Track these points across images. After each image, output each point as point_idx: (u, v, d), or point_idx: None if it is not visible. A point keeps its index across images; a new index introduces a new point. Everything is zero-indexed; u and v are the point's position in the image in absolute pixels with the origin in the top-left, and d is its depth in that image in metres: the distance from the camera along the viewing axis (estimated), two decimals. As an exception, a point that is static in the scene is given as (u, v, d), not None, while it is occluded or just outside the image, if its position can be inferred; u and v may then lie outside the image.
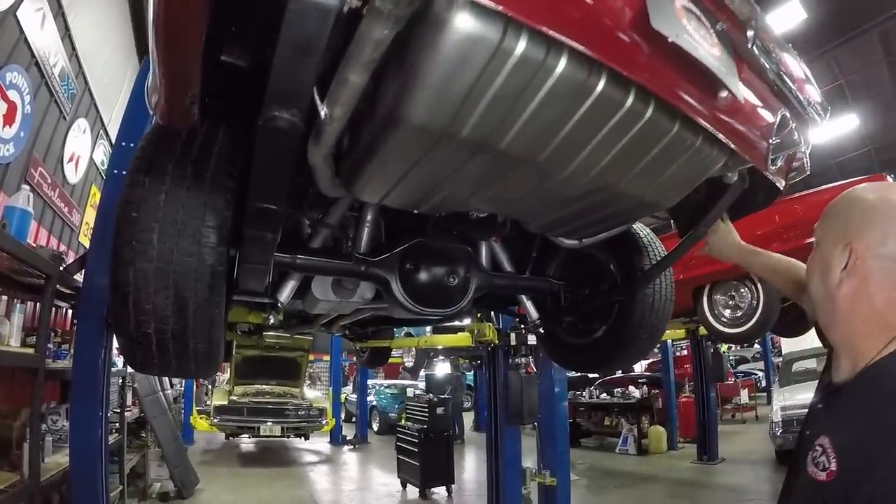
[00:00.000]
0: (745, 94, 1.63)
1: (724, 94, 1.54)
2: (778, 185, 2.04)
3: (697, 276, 6.29)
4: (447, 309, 2.51)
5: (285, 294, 2.42)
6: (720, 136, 1.59)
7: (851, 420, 1.10)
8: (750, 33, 1.56)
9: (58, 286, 4.15)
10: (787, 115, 1.85)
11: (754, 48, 1.60)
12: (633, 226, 2.76)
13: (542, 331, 3.03)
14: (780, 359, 16.47)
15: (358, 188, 1.76)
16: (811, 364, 10.79)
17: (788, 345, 13.73)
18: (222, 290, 1.81)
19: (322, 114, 1.34)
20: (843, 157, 17.40)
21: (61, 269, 4.19)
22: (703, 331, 10.37)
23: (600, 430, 13.72)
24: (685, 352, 15.87)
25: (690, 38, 1.37)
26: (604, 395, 13.94)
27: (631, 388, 13.59)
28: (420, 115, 1.29)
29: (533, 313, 3.04)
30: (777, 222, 5.78)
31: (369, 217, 2.39)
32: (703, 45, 1.41)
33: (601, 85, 1.34)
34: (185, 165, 1.72)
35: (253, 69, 1.59)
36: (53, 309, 4.94)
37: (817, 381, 1.35)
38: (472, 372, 18.14)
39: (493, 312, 6.16)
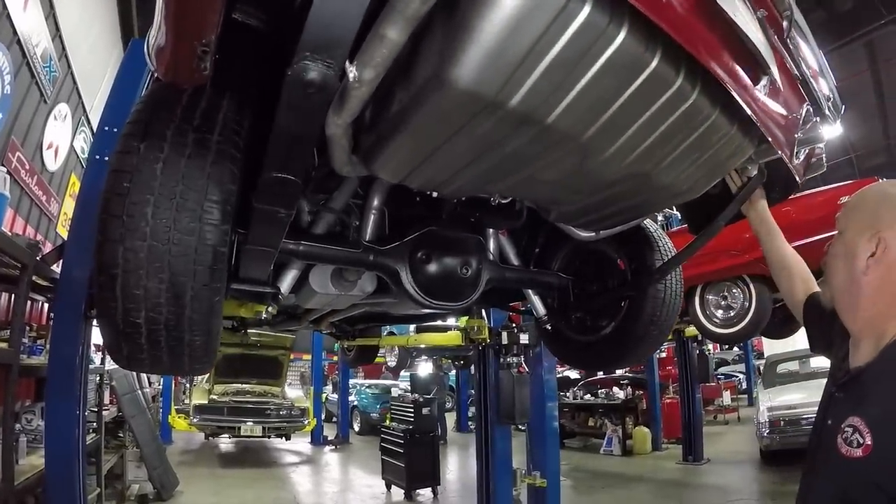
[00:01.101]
0: (780, 82, 1.61)
1: (763, 80, 1.50)
2: (797, 178, 2.00)
3: (690, 276, 6.23)
4: (457, 302, 2.39)
5: (286, 284, 2.27)
6: (757, 120, 1.52)
7: (880, 395, 1.17)
8: (785, 24, 1.53)
9: (34, 277, 3.96)
10: (811, 109, 1.82)
11: (788, 40, 1.57)
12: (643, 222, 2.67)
13: (548, 327, 2.91)
14: (760, 361, 16.65)
15: (379, 164, 1.63)
16: (794, 366, 10.92)
17: (770, 347, 13.80)
18: (224, 274, 1.65)
19: (350, 75, 1.21)
20: (827, 164, 17.53)
21: (38, 258, 4.00)
22: (688, 332, 10.38)
23: (584, 431, 13.67)
24: (664, 354, 15.89)
25: (743, 19, 1.33)
26: (587, 396, 13.89)
27: (615, 388, 13.56)
28: (469, 78, 1.17)
29: (540, 309, 2.92)
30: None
31: (375, 203, 2.25)
32: (751, 28, 1.38)
33: (656, 60, 1.28)
34: (185, 132, 1.55)
35: (268, 29, 1.44)
36: (29, 302, 4.74)
37: (827, 376, 1.44)
38: (453, 372, 18.05)
39: (483, 310, 6.04)
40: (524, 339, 5.75)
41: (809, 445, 1.39)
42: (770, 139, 1.62)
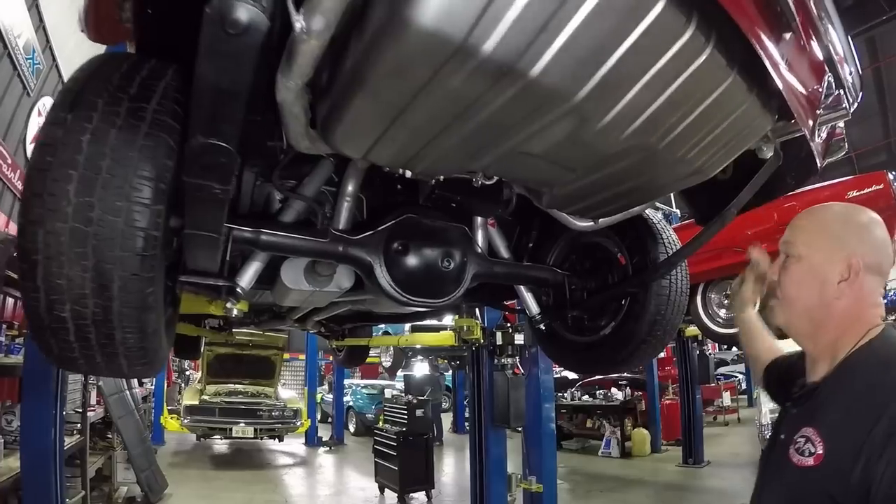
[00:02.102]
0: (804, 43, 1.42)
1: (787, 36, 1.31)
2: (818, 160, 1.83)
3: (691, 274, 6.06)
4: (439, 299, 2.17)
5: (246, 278, 2.05)
6: (780, 84, 1.34)
7: (832, 407, 1.22)
8: None
9: (9, 272, 3.80)
10: (832, 81, 1.62)
11: None
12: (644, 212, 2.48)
13: (542, 327, 2.70)
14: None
15: (339, 136, 1.43)
16: None
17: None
18: (157, 262, 1.46)
19: (297, 25, 1.04)
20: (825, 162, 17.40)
21: (13, 253, 3.83)
22: (689, 332, 10.20)
23: (582, 433, 13.49)
24: (663, 354, 15.74)
25: None
26: (585, 397, 13.73)
27: (613, 389, 13.39)
28: (431, 16, 0.98)
29: (533, 307, 2.70)
30: (775, 220, 5.63)
31: (350, 189, 2.02)
32: None
33: (662, 1, 1.08)
34: (119, 101, 1.38)
35: None
36: (7, 299, 4.58)
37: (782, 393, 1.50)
38: (450, 372, 17.87)
39: (477, 309, 5.85)
40: (519, 339, 5.56)
41: (761, 463, 1.42)
42: (792, 110, 1.44)
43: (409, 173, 1.66)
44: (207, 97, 1.11)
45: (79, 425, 6.03)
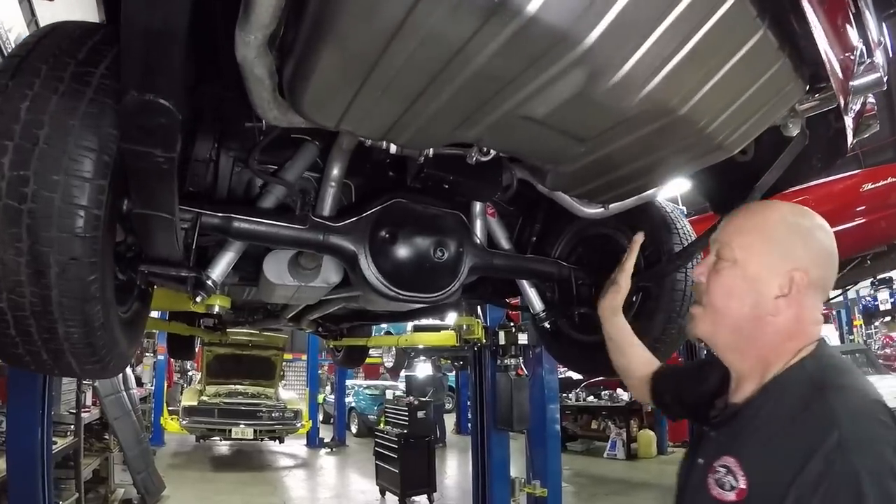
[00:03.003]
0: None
1: None
2: (848, 137, 1.64)
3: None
4: (432, 294, 1.99)
5: (218, 270, 1.87)
6: (820, 39, 1.18)
7: (757, 436, 1.09)
8: None
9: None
10: (864, 48, 1.43)
11: None
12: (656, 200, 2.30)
13: (547, 326, 2.52)
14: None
15: (307, 102, 1.27)
16: None
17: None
18: (102, 246, 1.31)
19: None
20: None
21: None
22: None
23: (587, 434, 13.32)
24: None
25: None
26: (590, 398, 13.52)
27: (619, 390, 13.19)
28: None
29: (536, 304, 2.51)
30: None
31: (335, 172, 1.84)
32: None
33: None
34: (65, 66, 1.24)
35: None
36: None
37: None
38: (453, 372, 17.72)
39: (479, 307, 5.66)
40: (523, 339, 5.37)
41: (678, 485, 1.30)
42: (829, 74, 1.27)
43: (393, 148, 1.49)
44: (137, 42, 0.94)
45: (72, 426, 5.88)
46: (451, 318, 9.18)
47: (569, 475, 9.84)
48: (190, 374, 19.06)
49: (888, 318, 17.77)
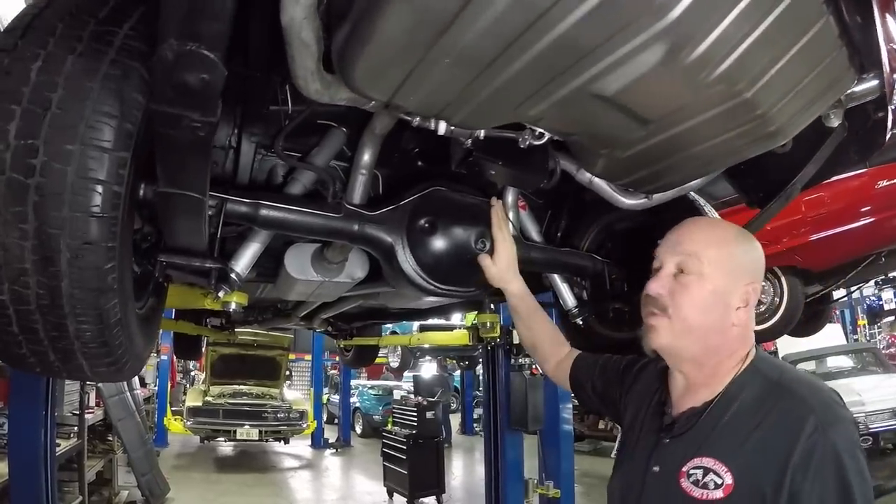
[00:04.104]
0: None
1: None
2: (889, 128, 1.61)
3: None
4: (470, 289, 1.88)
5: (243, 262, 1.74)
6: (876, 28, 1.20)
7: (732, 432, 1.18)
8: None
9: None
10: None
11: None
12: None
13: (579, 322, 2.40)
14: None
15: (361, 72, 1.14)
16: (811, 366, 10.67)
17: (785, 346, 13.40)
18: (121, 228, 1.17)
19: None
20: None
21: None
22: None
23: (594, 434, 13.15)
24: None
25: None
26: (598, 398, 13.39)
27: (625, 390, 13.11)
28: None
29: (569, 300, 2.39)
30: (803, 212, 5.39)
31: (365, 158, 1.70)
32: None
33: None
34: (83, 24, 1.11)
35: None
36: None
37: (626, 427, 1.47)
38: (457, 372, 17.62)
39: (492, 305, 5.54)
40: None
41: (625, 496, 1.35)
42: (882, 64, 1.27)
43: (442, 127, 1.36)
44: None
45: (76, 428, 5.81)
46: (456, 317, 9.15)
47: (577, 475, 9.67)
48: (193, 374, 18.96)
49: (892, 318, 17.68)
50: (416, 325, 10.38)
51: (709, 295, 1.27)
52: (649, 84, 1.20)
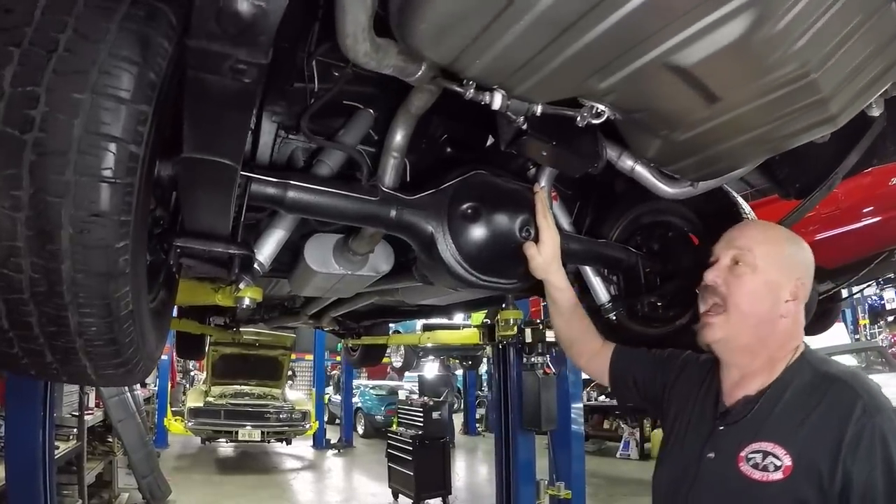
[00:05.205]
0: None
1: None
2: None
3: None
4: (510, 281, 1.75)
5: (267, 250, 1.59)
6: None
7: (786, 416, 1.27)
8: None
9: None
10: None
11: None
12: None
13: (612, 317, 2.27)
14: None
15: (426, 29, 1.01)
16: None
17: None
18: (136, 200, 0.98)
19: None
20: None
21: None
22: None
23: (599, 434, 13.20)
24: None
25: None
26: (601, 398, 13.36)
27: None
28: None
29: (602, 294, 2.26)
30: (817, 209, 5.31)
31: (397, 139, 1.54)
32: None
33: None
34: None
35: None
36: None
37: (675, 415, 1.52)
38: (458, 372, 17.51)
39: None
40: (550, 336, 5.12)
41: (676, 485, 1.40)
42: None
43: (498, 99, 1.22)
44: None
45: (75, 430, 5.70)
46: (458, 317, 9.02)
47: (583, 476, 9.67)
48: (192, 373, 18.84)
49: (892, 318, 17.66)
50: (419, 324, 10.29)
51: (761, 286, 1.36)
52: (728, 57, 1.11)
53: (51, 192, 0.90)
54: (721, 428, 1.37)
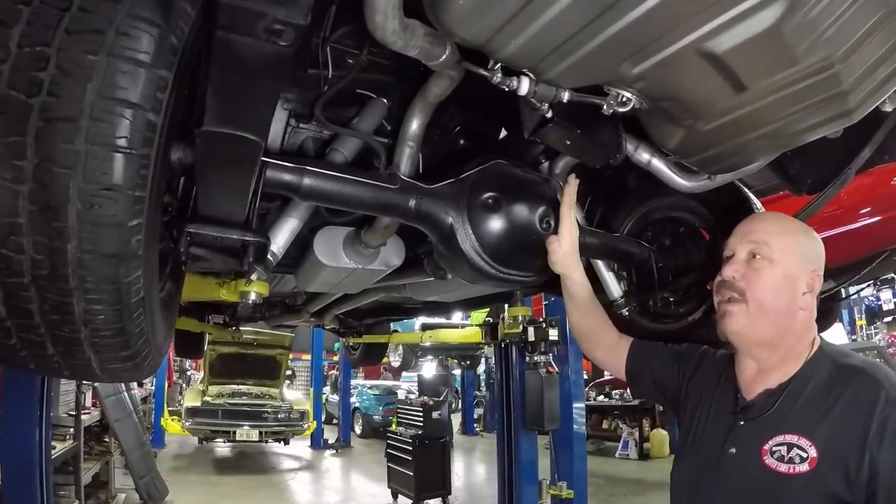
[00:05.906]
0: None
1: None
2: None
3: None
4: (528, 274, 1.69)
5: (280, 240, 1.54)
6: None
7: (810, 408, 1.27)
8: None
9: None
10: None
11: None
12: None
13: (625, 313, 2.24)
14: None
15: (462, 7, 0.94)
16: None
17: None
18: (152, 175, 0.90)
19: None
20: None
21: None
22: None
23: (597, 434, 13.14)
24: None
25: None
26: (601, 398, 13.36)
27: (629, 389, 12.99)
28: None
29: (615, 290, 2.21)
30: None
31: (413, 128, 1.49)
32: None
33: None
34: None
35: None
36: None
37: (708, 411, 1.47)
38: (456, 371, 17.48)
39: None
40: (553, 335, 5.09)
41: (697, 481, 1.41)
42: None
43: (525, 85, 1.17)
44: None
45: (72, 429, 5.68)
46: (457, 316, 8.96)
47: (583, 476, 9.65)
48: (189, 373, 18.77)
49: (889, 319, 17.72)
50: (417, 323, 10.25)
51: (780, 278, 1.36)
52: (759, 45, 1.07)
53: (58, 162, 0.82)
54: (742, 423, 1.36)
